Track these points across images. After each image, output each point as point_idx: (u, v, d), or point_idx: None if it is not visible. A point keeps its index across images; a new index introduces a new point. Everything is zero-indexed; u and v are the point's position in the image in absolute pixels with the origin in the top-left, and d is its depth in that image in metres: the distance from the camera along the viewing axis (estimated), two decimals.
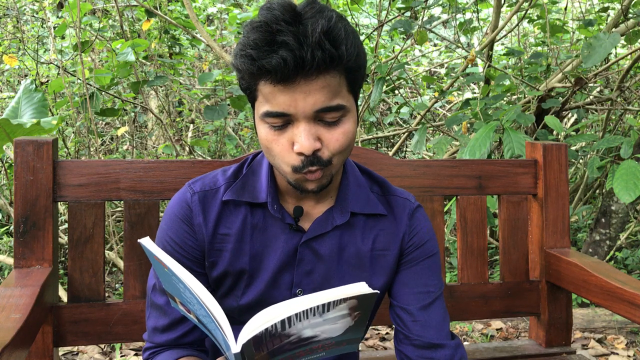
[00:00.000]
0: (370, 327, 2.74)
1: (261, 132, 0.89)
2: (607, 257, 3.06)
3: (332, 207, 1.01)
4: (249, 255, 0.99)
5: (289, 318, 0.74)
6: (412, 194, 1.10)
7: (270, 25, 0.81)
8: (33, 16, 4.72)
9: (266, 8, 0.84)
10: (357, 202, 1.02)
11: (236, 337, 0.76)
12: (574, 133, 3.86)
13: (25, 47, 3.95)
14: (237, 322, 1.04)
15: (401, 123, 4.79)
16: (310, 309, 0.74)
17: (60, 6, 3.95)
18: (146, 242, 0.83)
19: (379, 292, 0.79)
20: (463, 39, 5.08)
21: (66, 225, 2.23)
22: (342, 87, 0.86)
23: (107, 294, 3.03)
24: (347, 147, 0.90)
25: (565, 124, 4.23)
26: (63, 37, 4.35)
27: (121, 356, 2.47)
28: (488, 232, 2.84)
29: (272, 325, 0.73)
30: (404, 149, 4.33)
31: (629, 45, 3.26)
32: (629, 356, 2.57)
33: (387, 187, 1.08)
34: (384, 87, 3.15)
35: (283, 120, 0.85)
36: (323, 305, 0.75)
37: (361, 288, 0.77)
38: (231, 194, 0.99)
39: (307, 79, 0.82)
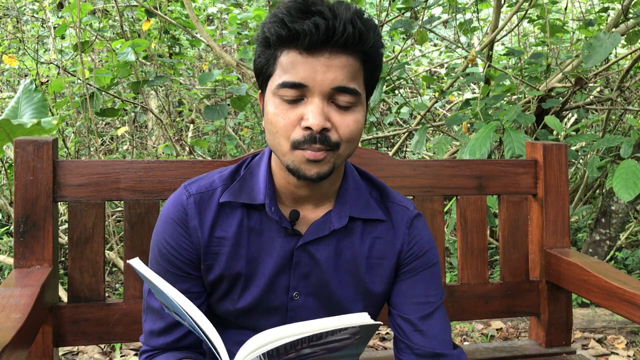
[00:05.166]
0: (373, 335, 2.73)
1: (270, 108, 0.88)
2: (607, 257, 3.06)
3: (330, 211, 0.99)
4: (245, 258, 0.98)
5: (287, 343, 0.73)
6: (411, 202, 1.08)
7: None
8: (33, 16, 4.72)
9: None
10: (356, 207, 1.01)
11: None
12: (574, 133, 3.86)
13: (25, 47, 3.95)
14: (234, 325, 1.04)
15: (401, 123, 4.79)
16: (311, 336, 0.74)
17: (60, 6, 3.95)
18: (135, 263, 0.82)
19: (382, 323, 0.79)
20: (463, 39, 5.08)
21: (66, 225, 2.23)
22: (360, 74, 0.88)
23: (107, 294, 3.03)
24: (356, 136, 0.90)
25: (565, 124, 4.23)
26: (63, 37, 4.35)
27: (121, 356, 2.47)
28: (488, 232, 2.84)
29: (270, 350, 0.73)
30: (404, 149, 4.33)
31: (629, 45, 3.26)
32: (629, 356, 2.57)
33: (386, 193, 1.07)
34: (384, 87, 3.15)
35: (297, 94, 0.86)
36: (322, 333, 0.74)
37: (363, 319, 0.75)
38: (228, 196, 0.98)
39: (332, 52, 0.84)
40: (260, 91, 0.95)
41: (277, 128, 0.87)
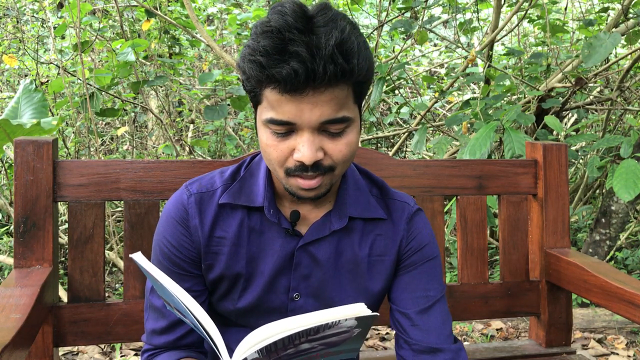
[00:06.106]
0: (371, 327, 2.73)
1: (262, 136, 0.88)
2: (607, 257, 3.06)
3: (330, 212, 0.99)
4: (245, 259, 0.99)
5: (285, 337, 0.73)
6: (412, 198, 1.08)
7: (282, 32, 0.79)
8: (33, 16, 4.72)
9: (277, 12, 0.81)
10: (356, 207, 1.00)
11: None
12: (574, 133, 3.86)
13: (25, 47, 3.95)
14: (234, 324, 1.04)
15: (401, 123, 4.78)
16: (308, 329, 0.74)
17: (60, 6, 3.96)
18: (138, 257, 0.82)
19: (378, 314, 0.78)
20: (463, 39, 5.08)
21: (66, 225, 2.23)
22: (349, 98, 0.85)
23: (107, 294, 3.03)
24: (350, 157, 0.89)
25: (565, 124, 4.23)
26: (63, 37, 4.35)
27: (121, 356, 2.47)
28: (488, 232, 2.84)
29: (268, 344, 0.73)
30: (404, 149, 4.33)
31: (629, 45, 3.26)
32: (629, 356, 2.57)
33: (386, 190, 1.06)
34: (384, 87, 3.15)
35: (287, 129, 0.84)
36: (320, 326, 0.74)
37: (360, 309, 0.76)
38: (227, 197, 0.98)
39: (315, 90, 0.80)
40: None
41: (271, 158, 0.88)
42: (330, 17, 0.81)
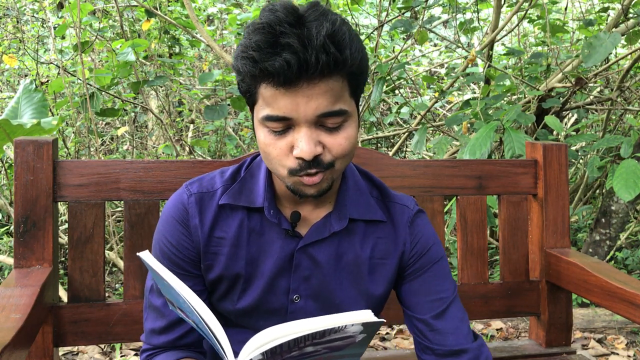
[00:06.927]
0: (376, 333, 2.72)
1: (260, 135, 0.87)
2: (607, 257, 3.06)
3: (330, 213, 0.99)
4: (244, 259, 0.98)
5: (291, 340, 0.73)
6: (412, 199, 1.07)
7: (273, 27, 0.79)
8: (33, 16, 4.72)
9: (268, 10, 0.82)
10: (357, 208, 1.00)
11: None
12: (574, 133, 3.86)
13: (25, 47, 3.95)
14: (235, 325, 1.04)
15: (401, 123, 4.78)
16: (314, 333, 0.74)
17: (60, 6, 3.96)
18: (145, 255, 0.83)
19: (385, 320, 0.78)
20: (463, 39, 5.08)
21: (66, 225, 2.23)
22: (345, 91, 0.85)
23: (107, 294, 3.03)
24: (350, 151, 0.89)
25: (565, 124, 4.23)
26: (63, 37, 4.35)
27: (121, 356, 2.47)
28: (488, 232, 2.84)
29: (273, 347, 0.73)
30: (404, 149, 4.33)
31: (629, 45, 3.26)
32: (629, 356, 2.57)
33: (386, 192, 1.06)
34: (384, 87, 3.15)
35: (284, 125, 0.84)
36: (325, 330, 0.74)
37: (367, 316, 0.75)
38: (227, 198, 0.98)
39: (310, 82, 0.80)
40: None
41: (271, 157, 0.87)
42: (320, 12, 0.82)
